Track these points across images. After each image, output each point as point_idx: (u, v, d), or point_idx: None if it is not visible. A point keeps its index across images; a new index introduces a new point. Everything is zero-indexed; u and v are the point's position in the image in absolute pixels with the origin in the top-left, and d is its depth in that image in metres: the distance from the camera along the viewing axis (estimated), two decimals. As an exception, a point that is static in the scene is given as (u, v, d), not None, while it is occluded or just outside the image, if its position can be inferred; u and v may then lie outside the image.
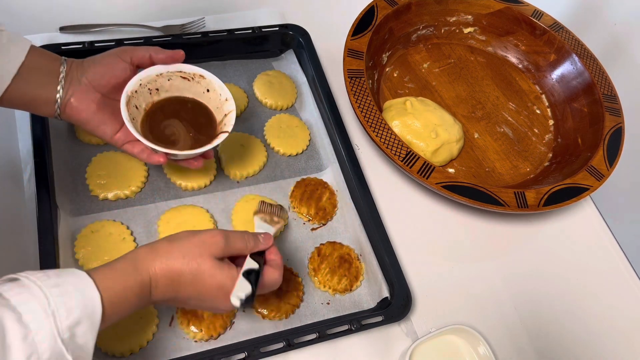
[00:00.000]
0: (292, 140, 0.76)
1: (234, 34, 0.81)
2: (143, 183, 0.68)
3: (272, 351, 0.58)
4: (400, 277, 0.65)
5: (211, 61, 0.81)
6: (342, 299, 0.66)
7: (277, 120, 0.78)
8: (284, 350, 0.58)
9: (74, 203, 0.65)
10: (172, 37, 0.78)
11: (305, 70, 0.83)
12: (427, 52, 0.94)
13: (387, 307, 0.63)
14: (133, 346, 0.57)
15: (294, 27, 0.84)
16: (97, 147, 0.70)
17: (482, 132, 0.86)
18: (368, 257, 0.68)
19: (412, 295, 0.65)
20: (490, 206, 0.69)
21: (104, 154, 0.69)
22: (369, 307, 0.65)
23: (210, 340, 0.59)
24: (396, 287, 0.64)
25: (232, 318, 0.61)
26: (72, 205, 0.65)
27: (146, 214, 0.67)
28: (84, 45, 0.73)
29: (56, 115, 0.58)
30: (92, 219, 0.64)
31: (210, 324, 0.59)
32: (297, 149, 0.76)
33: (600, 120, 0.82)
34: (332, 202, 0.72)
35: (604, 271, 0.77)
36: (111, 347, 0.56)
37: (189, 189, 0.69)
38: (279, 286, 0.62)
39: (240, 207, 0.69)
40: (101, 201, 0.66)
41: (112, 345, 0.56)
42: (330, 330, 0.61)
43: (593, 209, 0.82)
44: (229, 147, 0.73)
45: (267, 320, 0.62)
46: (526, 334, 0.69)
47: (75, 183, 0.67)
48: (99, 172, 0.67)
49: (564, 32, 0.91)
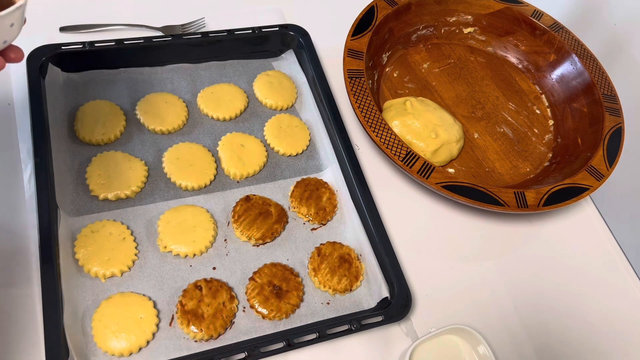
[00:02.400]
0: (292, 140, 0.76)
1: (234, 34, 0.81)
2: (143, 183, 0.68)
3: (272, 351, 0.58)
4: (400, 277, 0.65)
5: (211, 61, 0.81)
6: (342, 299, 0.66)
7: (277, 120, 0.78)
8: (284, 350, 0.58)
9: (74, 203, 0.65)
10: (172, 37, 0.78)
11: (305, 70, 0.83)
12: (427, 52, 0.94)
13: (387, 307, 0.63)
14: (133, 346, 0.57)
15: (294, 28, 0.84)
16: (98, 147, 0.70)
17: (482, 132, 0.86)
18: (368, 257, 0.67)
19: (412, 295, 0.65)
20: (490, 206, 0.69)
21: (104, 154, 0.69)
22: (369, 307, 0.65)
23: (210, 340, 0.59)
24: (396, 287, 0.64)
25: (232, 318, 0.61)
26: (73, 205, 0.65)
27: (146, 213, 0.67)
28: (84, 46, 0.73)
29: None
30: (92, 219, 0.64)
31: (210, 324, 0.59)
32: (297, 149, 0.76)
33: (600, 120, 0.82)
34: (332, 202, 0.72)
35: (603, 271, 0.77)
36: (111, 347, 0.56)
37: (189, 188, 0.69)
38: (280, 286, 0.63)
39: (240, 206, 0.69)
40: (101, 201, 0.66)
41: (111, 345, 0.56)
42: (330, 330, 0.61)
43: (593, 209, 0.82)
44: (228, 147, 0.73)
45: (267, 320, 0.62)
46: (526, 333, 0.69)
47: (76, 183, 0.67)
48: (99, 172, 0.67)
49: (563, 32, 0.91)
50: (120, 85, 0.76)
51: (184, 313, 0.60)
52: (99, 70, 0.76)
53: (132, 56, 0.77)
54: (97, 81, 0.75)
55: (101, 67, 0.76)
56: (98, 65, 0.76)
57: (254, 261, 0.66)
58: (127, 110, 0.74)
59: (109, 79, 0.76)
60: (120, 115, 0.73)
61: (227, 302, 0.61)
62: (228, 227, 0.68)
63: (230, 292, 0.62)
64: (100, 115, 0.71)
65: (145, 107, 0.74)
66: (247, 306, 0.63)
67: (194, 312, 0.60)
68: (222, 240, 0.67)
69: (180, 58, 0.80)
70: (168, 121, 0.73)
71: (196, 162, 0.71)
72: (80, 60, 0.74)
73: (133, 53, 0.77)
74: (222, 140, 0.74)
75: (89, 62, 0.75)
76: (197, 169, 0.70)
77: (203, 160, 0.71)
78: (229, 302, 0.61)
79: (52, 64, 0.72)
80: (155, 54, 0.78)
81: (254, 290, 0.63)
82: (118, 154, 0.69)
